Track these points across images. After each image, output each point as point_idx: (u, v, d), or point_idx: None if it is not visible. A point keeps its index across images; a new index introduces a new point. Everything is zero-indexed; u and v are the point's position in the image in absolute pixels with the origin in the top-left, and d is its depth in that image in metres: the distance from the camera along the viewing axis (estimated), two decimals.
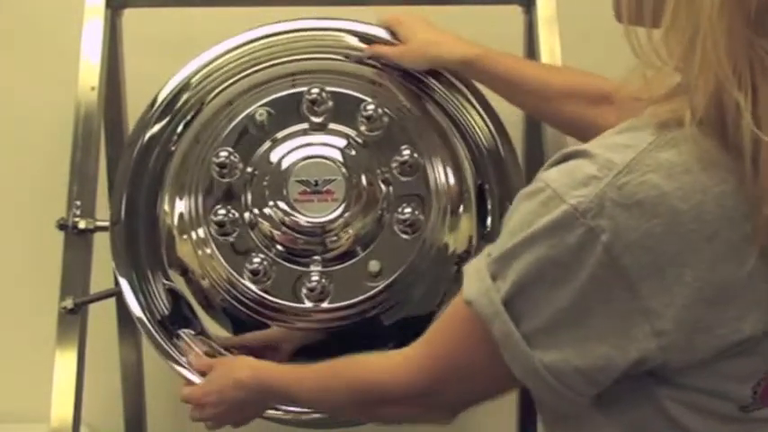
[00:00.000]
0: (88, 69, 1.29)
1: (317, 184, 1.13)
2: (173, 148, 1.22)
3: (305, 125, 1.17)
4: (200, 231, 1.16)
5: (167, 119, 1.23)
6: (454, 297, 1.16)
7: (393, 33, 1.26)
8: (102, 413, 1.59)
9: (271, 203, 1.13)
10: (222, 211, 1.13)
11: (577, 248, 0.71)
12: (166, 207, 1.19)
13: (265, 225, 1.14)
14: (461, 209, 1.19)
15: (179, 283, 1.18)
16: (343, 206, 1.13)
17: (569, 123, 1.17)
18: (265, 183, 1.14)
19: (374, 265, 1.13)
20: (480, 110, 1.24)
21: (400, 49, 1.24)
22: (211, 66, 1.25)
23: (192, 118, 1.23)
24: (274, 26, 1.27)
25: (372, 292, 1.13)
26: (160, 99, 1.24)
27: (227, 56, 1.26)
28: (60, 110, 1.37)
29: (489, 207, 1.21)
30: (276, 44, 1.27)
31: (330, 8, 1.34)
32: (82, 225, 1.22)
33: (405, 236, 1.14)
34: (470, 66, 1.19)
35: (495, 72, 1.18)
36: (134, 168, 1.22)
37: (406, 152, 1.15)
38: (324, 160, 1.14)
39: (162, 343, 1.17)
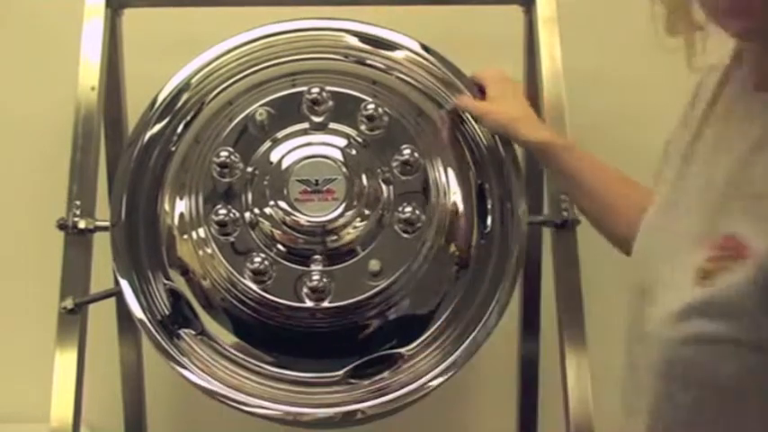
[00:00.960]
0: (88, 69, 1.29)
1: (317, 184, 1.13)
2: (173, 149, 1.22)
3: (305, 125, 1.17)
4: (201, 231, 1.16)
5: (167, 119, 1.23)
6: (454, 297, 1.18)
7: (480, 88, 1.24)
8: (102, 413, 1.59)
9: (271, 203, 1.13)
10: (223, 211, 1.13)
11: None
12: (166, 207, 1.19)
13: (266, 225, 1.14)
14: (461, 209, 1.19)
15: (179, 283, 1.18)
16: (343, 206, 1.13)
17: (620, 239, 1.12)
18: (266, 182, 1.14)
19: (375, 265, 1.13)
20: None
21: (486, 107, 1.21)
22: (211, 66, 1.25)
23: (192, 118, 1.23)
24: (274, 26, 1.27)
25: (373, 292, 1.13)
26: (160, 99, 1.24)
27: (227, 56, 1.26)
28: (60, 110, 1.37)
29: (489, 207, 1.21)
30: (276, 44, 1.27)
31: (330, 8, 1.34)
32: (82, 225, 1.22)
33: (405, 235, 1.14)
34: (544, 152, 1.16)
35: (563, 164, 1.15)
36: (134, 168, 1.22)
37: (407, 151, 1.15)
38: (324, 160, 1.14)
39: (162, 343, 1.17)
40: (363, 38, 1.27)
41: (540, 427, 1.55)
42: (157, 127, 1.23)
